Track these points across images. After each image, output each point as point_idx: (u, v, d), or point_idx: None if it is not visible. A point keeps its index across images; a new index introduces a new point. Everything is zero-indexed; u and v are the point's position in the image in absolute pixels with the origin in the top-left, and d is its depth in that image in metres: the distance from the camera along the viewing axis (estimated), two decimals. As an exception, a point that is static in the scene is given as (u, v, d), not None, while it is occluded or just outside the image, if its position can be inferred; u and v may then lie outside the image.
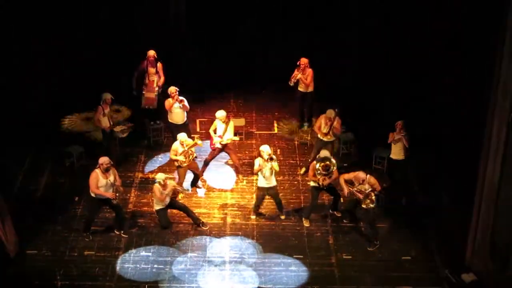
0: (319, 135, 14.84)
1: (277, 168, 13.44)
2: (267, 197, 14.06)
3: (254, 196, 14.25)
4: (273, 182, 13.60)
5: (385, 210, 13.97)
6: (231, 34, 17.49)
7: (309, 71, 16.09)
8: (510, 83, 10.85)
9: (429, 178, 15.03)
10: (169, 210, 13.55)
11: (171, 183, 13.40)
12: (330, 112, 14.60)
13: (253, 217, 13.95)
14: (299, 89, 16.39)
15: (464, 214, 13.42)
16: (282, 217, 13.94)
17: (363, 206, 12.98)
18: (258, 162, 13.40)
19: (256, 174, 13.59)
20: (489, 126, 11.50)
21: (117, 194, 12.99)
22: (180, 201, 13.96)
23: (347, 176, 13.23)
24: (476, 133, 12.92)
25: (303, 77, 16.06)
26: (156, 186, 13.20)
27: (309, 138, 16.30)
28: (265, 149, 13.40)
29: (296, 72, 16.10)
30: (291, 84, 16.17)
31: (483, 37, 12.73)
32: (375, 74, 17.59)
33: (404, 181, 14.27)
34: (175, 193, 13.79)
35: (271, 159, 13.28)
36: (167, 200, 13.34)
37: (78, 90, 17.14)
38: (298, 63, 16.08)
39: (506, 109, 10.98)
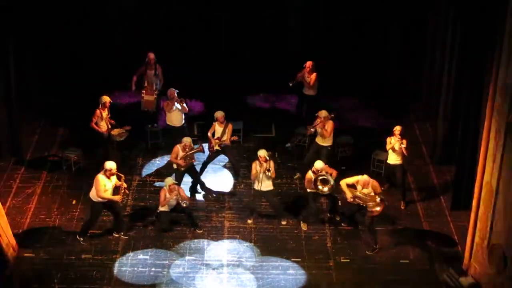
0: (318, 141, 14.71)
1: (272, 175, 13.44)
2: (265, 200, 14.04)
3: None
4: (269, 186, 13.58)
5: (384, 214, 13.92)
6: (230, 35, 17.50)
7: (313, 74, 16.08)
8: (508, 86, 10.84)
9: (428, 181, 15.06)
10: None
11: (178, 189, 13.29)
12: (321, 113, 14.55)
13: (249, 221, 13.93)
14: (303, 91, 16.38)
15: (462, 216, 13.46)
16: (284, 222, 13.87)
17: (369, 209, 12.84)
18: (254, 166, 13.39)
19: (254, 179, 13.55)
20: (487, 129, 11.49)
21: (123, 197, 13.00)
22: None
23: (349, 180, 13.12)
24: (474, 135, 12.93)
25: (307, 79, 16.01)
26: (163, 190, 13.19)
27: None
28: (261, 154, 13.38)
29: (300, 74, 16.09)
30: (291, 85, 16.12)
31: (481, 38, 12.73)
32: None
33: (402, 185, 14.23)
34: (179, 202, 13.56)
35: (268, 170, 13.23)
36: (172, 203, 13.31)
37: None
38: (304, 66, 16.07)
39: (504, 111, 10.97)
